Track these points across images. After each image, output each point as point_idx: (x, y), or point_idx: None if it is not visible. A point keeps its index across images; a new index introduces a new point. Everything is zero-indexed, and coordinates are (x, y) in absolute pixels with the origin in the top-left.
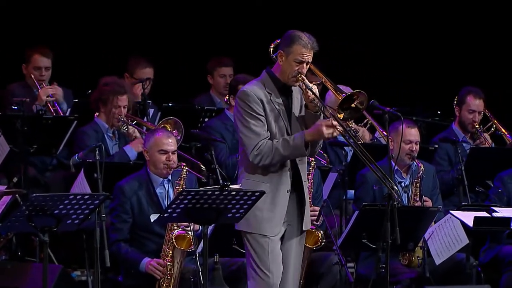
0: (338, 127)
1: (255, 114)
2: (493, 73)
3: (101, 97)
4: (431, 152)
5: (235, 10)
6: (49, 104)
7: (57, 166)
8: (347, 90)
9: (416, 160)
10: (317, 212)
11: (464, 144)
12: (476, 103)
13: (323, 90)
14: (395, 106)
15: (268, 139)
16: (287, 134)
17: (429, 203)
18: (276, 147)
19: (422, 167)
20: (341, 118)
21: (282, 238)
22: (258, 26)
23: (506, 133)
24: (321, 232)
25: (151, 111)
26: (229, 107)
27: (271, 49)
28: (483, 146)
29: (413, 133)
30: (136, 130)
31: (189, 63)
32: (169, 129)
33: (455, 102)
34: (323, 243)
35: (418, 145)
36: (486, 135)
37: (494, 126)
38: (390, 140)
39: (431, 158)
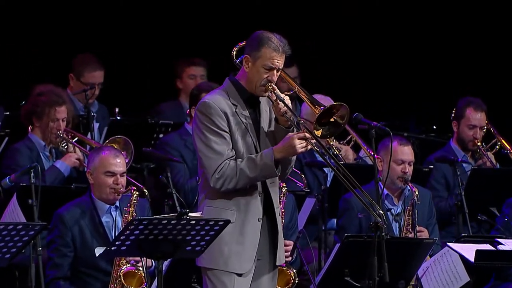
0: (312, 140)
1: (217, 129)
2: (496, 82)
3: (34, 110)
4: (426, 174)
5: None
6: None
7: None
8: (326, 101)
9: (410, 184)
10: (291, 247)
11: (464, 165)
12: (477, 117)
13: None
14: (383, 120)
15: (232, 160)
16: (255, 151)
17: (424, 234)
18: (241, 168)
19: (417, 192)
20: (319, 135)
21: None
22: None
23: None
24: (293, 270)
25: (96, 125)
26: (190, 120)
27: (234, 53)
28: (486, 167)
29: (405, 152)
30: (77, 149)
31: (143, 67)
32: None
33: (452, 115)
34: (295, 283)
35: (412, 166)
36: (490, 154)
37: (499, 143)
38: (378, 160)
39: (426, 181)
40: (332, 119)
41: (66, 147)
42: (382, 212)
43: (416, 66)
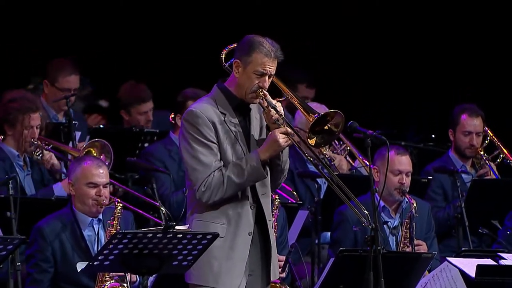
0: (294, 137)
1: (204, 140)
2: (497, 90)
3: (7, 117)
4: (424, 185)
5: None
6: None
7: None
8: (321, 109)
9: (407, 196)
10: (283, 262)
11: (463, 175)
12: (472, 123)
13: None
14: (379, 129)
15: (218, 170)
16: None
17: (422, 248)
18: (228, 175)
19: (415, 204)
20: (313, 144)
21: None
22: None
23: None
24: (287, 287)
25: (78, 134)
26: (175, 129)
27: (223, 56)
28: (487, 178)
29: (403, 162)
30: (53, 155)
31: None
32: (95, 154)
33: (448, 124)
34: None
35: (410, 177)
36: (492, 165)
37: (501, 155)
38: (374, 170)
39: (424, 192)
40: (326, 127)
41: (41, 155)
42: (367, 213)
43: (416, 66)
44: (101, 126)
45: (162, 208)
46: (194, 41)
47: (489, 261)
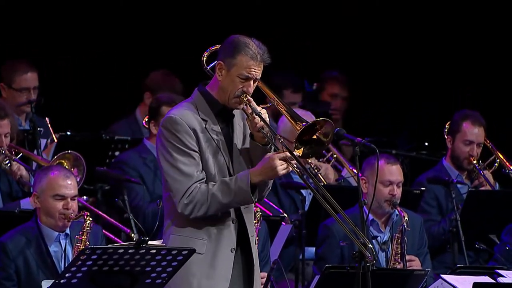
0: (293, 161)
1: (185, 148)
2: (495, 96)
3: None
4: (417, 197)
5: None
6: None
7: None
8: (307, 116)
9: (398, 208)
10: (264, 279)
11: (459, 186)
12: (474, 132)
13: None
14: (368, 136)
15: (202, 182)
16: (228, 172)
17: (415, 264)
18: (213, 193)
19: (406, 217)
20: (300, 155)
21: None
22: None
23: None
24: None
25: (43, 141)
26: (149, 135)
27: (205, 58)
28: (484, 188)
29: (393, 172)
30: (22, 167)
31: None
32: (67, 167)
33: (446, 130)
34: None
35: (401, 188)
36: (488, 173)
37: (497, 161)
38: (362, 181)
39: (417, 204)
40: (314, 137)
41: (9, 165)
42: (371, 247)
43: (416, 66)
44: (68, 133)
45: (133, 230)
46: (194, 41)
47: (486, 279)
